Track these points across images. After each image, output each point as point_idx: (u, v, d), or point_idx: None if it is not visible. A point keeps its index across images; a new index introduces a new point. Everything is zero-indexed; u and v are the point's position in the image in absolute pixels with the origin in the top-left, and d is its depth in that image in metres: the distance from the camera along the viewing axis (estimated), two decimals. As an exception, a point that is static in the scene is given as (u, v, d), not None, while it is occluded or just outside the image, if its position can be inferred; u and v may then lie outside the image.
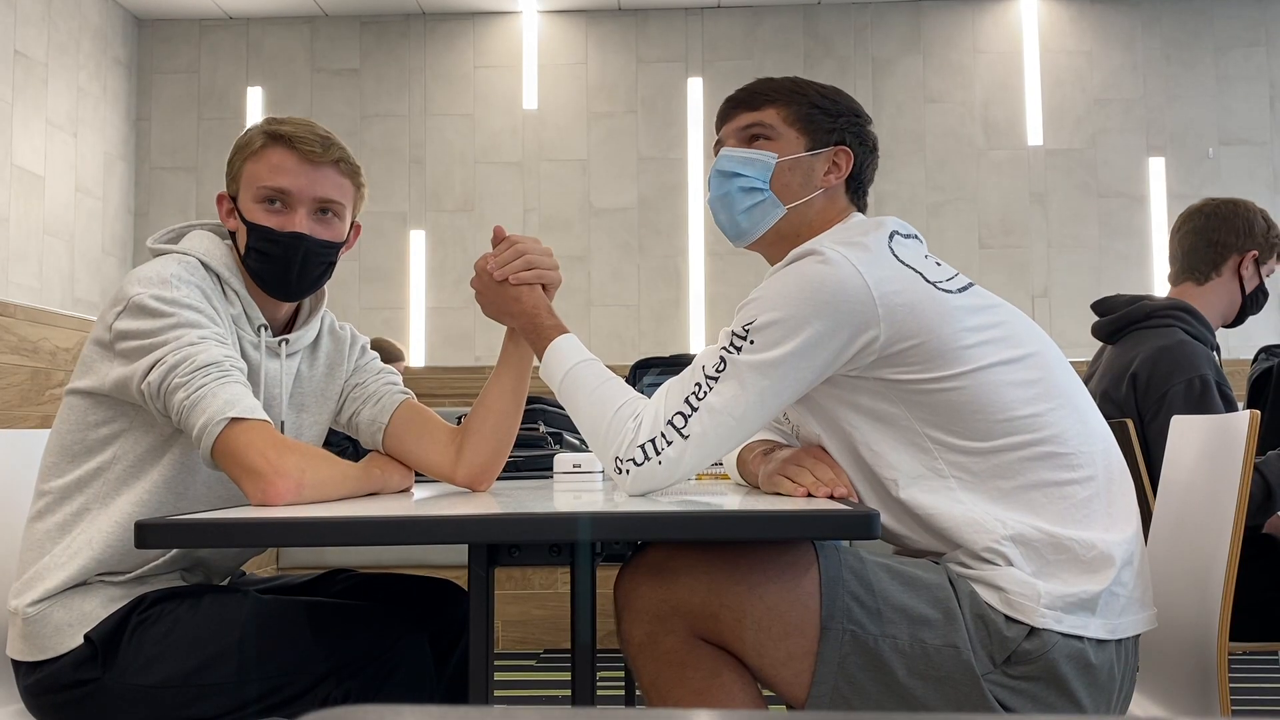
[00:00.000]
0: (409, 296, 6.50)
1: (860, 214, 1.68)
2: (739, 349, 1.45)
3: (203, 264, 1.62)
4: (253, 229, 1.63)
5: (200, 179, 6.53)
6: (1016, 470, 1.43)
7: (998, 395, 1.44)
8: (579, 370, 1.57)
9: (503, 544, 1.32)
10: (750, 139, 1.65)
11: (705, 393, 1.46)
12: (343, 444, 3.51)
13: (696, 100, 6.48)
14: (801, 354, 1.43)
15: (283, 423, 1.69)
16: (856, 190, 1.69)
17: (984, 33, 6.50)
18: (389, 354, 4.96)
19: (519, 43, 6.56)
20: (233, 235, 1.68)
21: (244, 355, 1.63)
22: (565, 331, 1.64)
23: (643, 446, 1.46)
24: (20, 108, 5.51)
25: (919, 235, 1.61)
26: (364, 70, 6.60)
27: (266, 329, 1.67)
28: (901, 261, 1.48)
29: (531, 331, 1.66)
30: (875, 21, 6.53)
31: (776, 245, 1.64)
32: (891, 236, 1.53)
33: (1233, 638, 1.71)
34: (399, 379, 1.86)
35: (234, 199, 1.67)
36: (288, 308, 1.73)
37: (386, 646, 1.52)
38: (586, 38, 6.57)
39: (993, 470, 1.44)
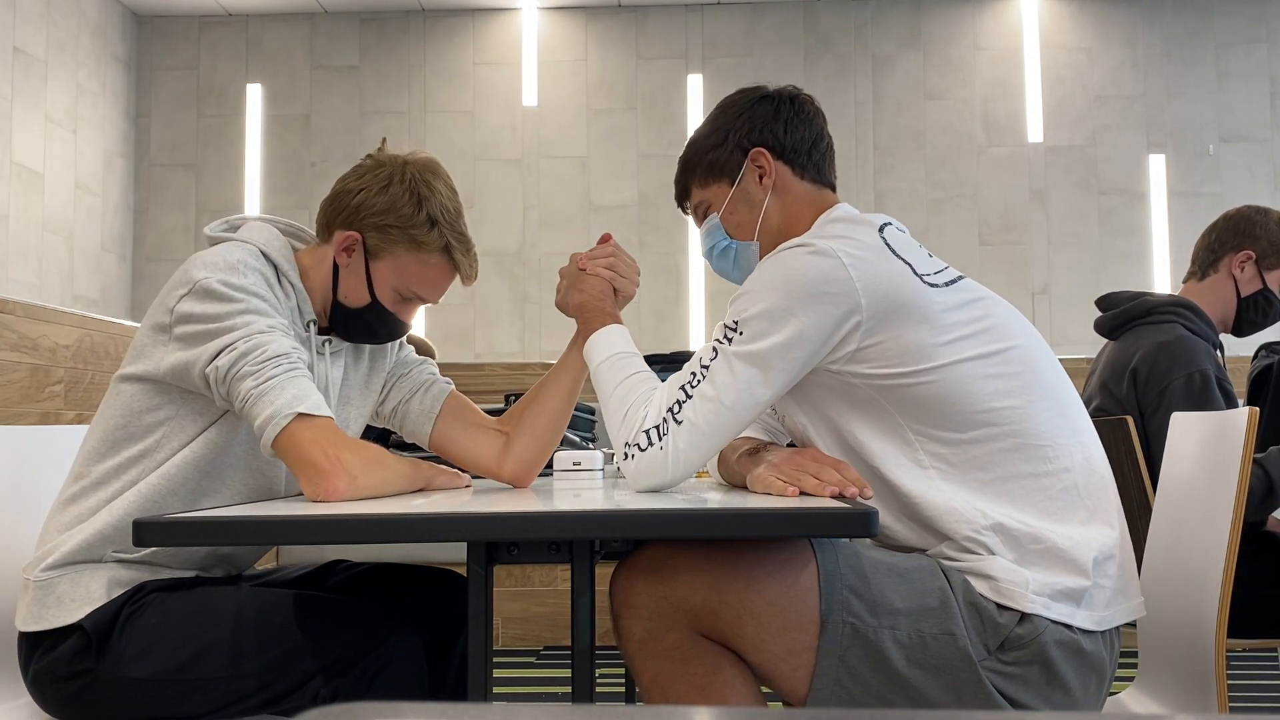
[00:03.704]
0: (409, 293, 6.50)
1: (845, 205, 1.67)
2: (730, 339, 1.49)
3: (263, 254, 1.63)
4: (377, 308, 1.70)
5: (200, 175, 6.53)
6: (994, 462, 1.46)
7: (971, 388, 1.46)
8: (618, 360, 1.62)
9: (502, 542, 1.32)
10: (700, 218, 1.76)
11: (699, 381, 1.49)
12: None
13: (696, 97, 6.48)
14: (789, 345, 1.46)
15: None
16: (799, 160, 1.67)
17: (984, 29, 6.50)
18: (424, 350, 5.03)
19: (519, 39, 6.56)
20: (335, 267, 1.69)
21: None
22: (620, 323, 1.70)
23: (646, 432, 1.50)
24: (20, 105, 5.51)
25: (908, 232, 1.62)
26: (364, 67, 6.60)
27: (314, 325, 1.69)
28: (893, 251, 1.50)
29: (590, 312, 1.71)
30: (875, 18, 6.53)
31: None
32: (884, 227, 1.55)
33: (1231, 635, 1.72)
34: (436, 367, 1.90)
35: (366, 249, 1.67)
36: None
37: (376, 644, 1.52)
38: (586, 34, 6.56)
39: (970, 462, 1.46)
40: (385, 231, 1.65)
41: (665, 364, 3.38)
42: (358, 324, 1.71)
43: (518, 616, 4.06)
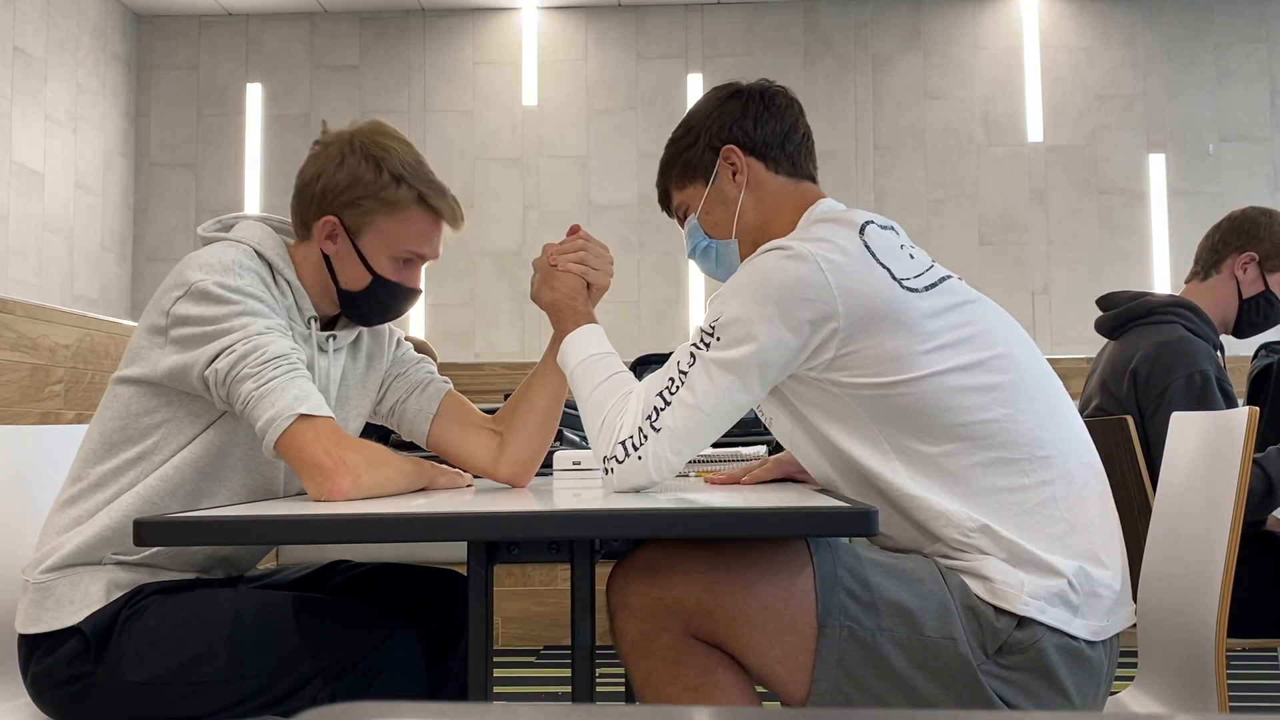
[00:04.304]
0: (409, 293, 6.49)
1: (828, 200, 1.66)
2: (707, 345, 1.48)
3: (257, 253, 1.63)
4: (380, 281, 1.67)
5: (200, 175, 6.53)
6: (968, 476, 1.44)
7: (949, 401, 1.43)
8: (594, 362, 1.61)
9: (502, 541, 1.32)
10: (682, 220, 1.76)
11: (678, 387, 1.49)
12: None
13: (696, 97, 6.46)
14: (765, 352, 1.45)
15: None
16: (771, 154, 1.66)
17: (984, 29, 6.50)
18: (424, 351, 5.03)
19: (518, 39, 6.56)
20: (325, 256, 1.67)
21: None
22: (594, 322, 1.68)
23: (623, 443, 1.49)
24: (20, 104, 5.51)
25: (895, 226, 1.59)
26: (363, 66, 6.60)
27: (315, 321, 1.68)
28: (874, 256, 1.47)
29: (563, 311, 1.70)
30: (875, 18, 6.52)
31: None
32: (864, 228, 1.52)
33: (1231, 635, 1.71)
34: (435, 367, 1.89)
35: (346, 229, 1.65)
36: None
37: (373, 646, 1.52)
38: (586, 34, 6.56)
39: (947, 475, 1.44)
40: (358, 205, 1.63)
41: (663, 363, 3.38)
42: (370, 304, 1.69)
43: (518, 616, 4.05)
